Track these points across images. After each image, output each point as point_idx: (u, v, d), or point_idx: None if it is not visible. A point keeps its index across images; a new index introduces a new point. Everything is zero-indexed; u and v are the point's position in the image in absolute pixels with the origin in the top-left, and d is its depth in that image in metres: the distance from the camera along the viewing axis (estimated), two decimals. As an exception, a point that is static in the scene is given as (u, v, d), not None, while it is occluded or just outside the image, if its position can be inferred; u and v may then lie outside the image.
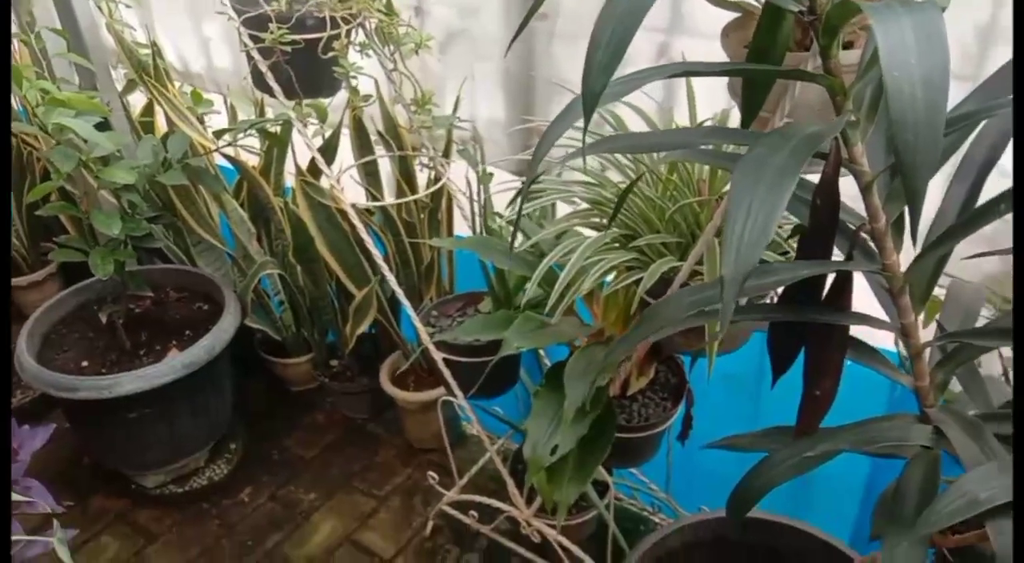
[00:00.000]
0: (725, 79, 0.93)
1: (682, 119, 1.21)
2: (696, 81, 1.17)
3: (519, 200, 0.84)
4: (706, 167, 1.11)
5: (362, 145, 1.69)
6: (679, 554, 1.21)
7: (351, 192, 1.58)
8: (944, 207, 0.70)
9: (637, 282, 1.05)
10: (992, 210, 0.62)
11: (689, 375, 1.31)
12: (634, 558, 1.17)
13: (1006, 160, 0.71)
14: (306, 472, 1.90)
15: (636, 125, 1.21)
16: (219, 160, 1.80)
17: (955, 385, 0.78)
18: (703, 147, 0.77)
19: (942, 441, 0.68)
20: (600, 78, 0.52)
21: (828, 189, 0.65)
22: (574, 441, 1.09)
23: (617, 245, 1.11)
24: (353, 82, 1.51)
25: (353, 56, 1.47)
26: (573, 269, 1.04)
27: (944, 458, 0.72)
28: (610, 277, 1.13)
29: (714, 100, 1.22)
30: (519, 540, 1.55)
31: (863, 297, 0.75)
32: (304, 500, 1.82)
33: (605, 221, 1.16)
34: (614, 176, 1.19)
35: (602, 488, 1.48)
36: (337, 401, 2.08)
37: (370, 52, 1.50)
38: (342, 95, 1.59)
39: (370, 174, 1.73)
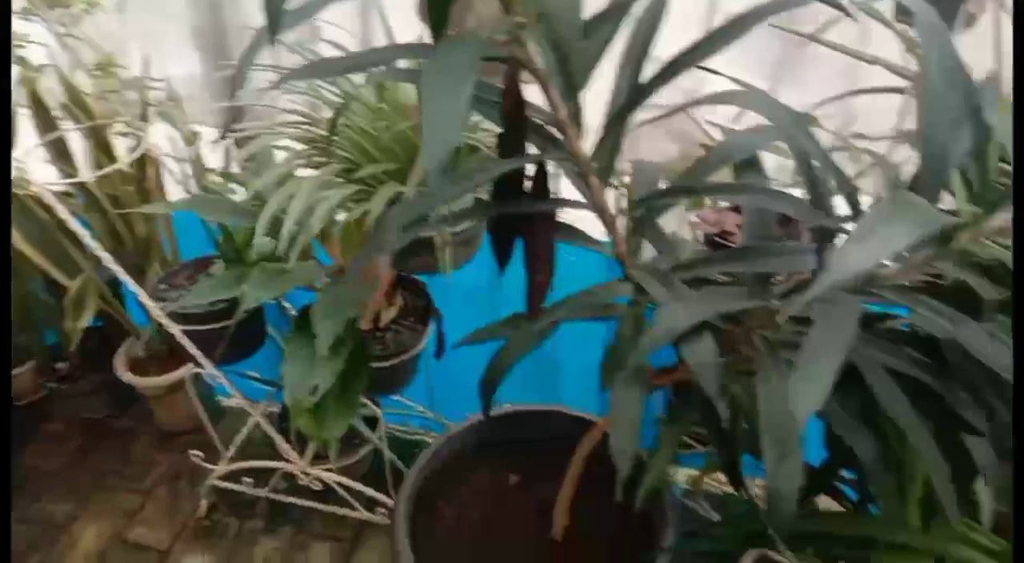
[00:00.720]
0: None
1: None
2: (392, 14, 1.21)
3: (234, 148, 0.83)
4: (413, 93, 1.16)
5: (45, 122, 1.53)
6: (450, 464, 1.29)
7: (43, 177, 1.44)
8: (615, 95, 0.79)
9: (367, 214, 1.08)
10: (653, 86, 0.72)
11: (437, 299, 1.38)
12: (411, 478, 1.22)
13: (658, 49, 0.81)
14: (54, 485, 1.75)
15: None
16: None
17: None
18: (401, 67, 0.81)
19: (644, 295, 0.79)
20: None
21: (512, 89, 0.71)
22: (332, 377, 1.12)
23: (341, 180, 1.12)
24: (20, 52, 1.36)
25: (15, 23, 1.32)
26: (295, 211, 1.04)
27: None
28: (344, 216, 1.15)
29: (411, 31, 1.26)
30: (300, 493, 1.56)
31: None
32: (58, 513, 1.68)
33: (325, 159, 1.17)
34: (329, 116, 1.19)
35: (374, 423, 1.52)
36: (72, 404, 1.91)
37: (34, 17, 1.36)
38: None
39: (61, 152, 1.58)
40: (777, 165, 1.10)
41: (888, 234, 0.50)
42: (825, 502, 0.99)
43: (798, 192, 0.78)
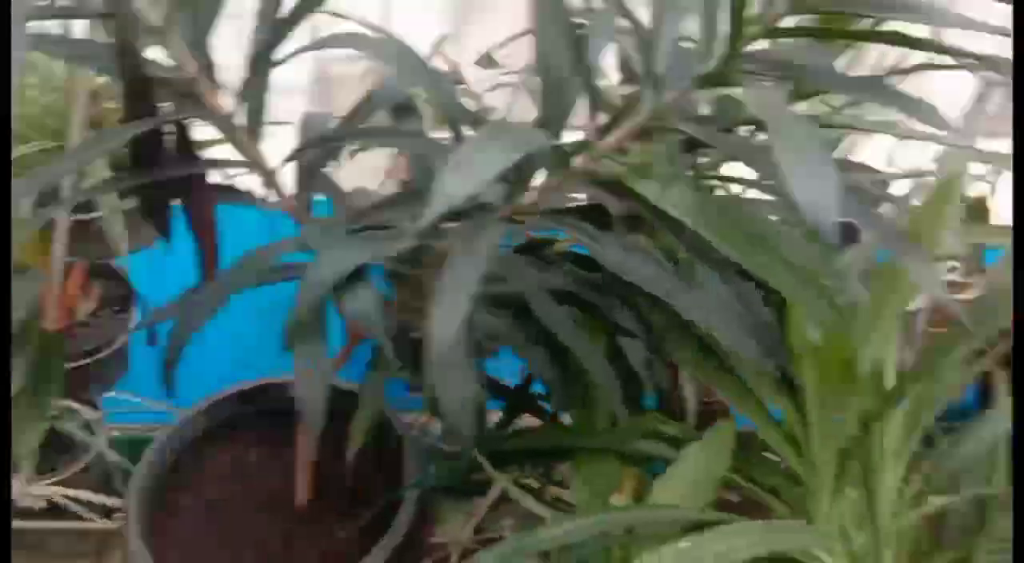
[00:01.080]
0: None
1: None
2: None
3: None
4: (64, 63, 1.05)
5: None
6: (184, 454, 1.21)
7: None
8: (254, 40, 0.75)
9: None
10: (292, 22, 0.69)
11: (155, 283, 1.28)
12: (139, 475, 1.14)
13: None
14: None
15: None
16: None
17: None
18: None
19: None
20: None
21: (123, 46, 0.66)
22: (20, 380, 1.02)
23: None
24: None
25: None
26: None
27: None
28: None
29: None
30: (29, 516, 1.42)
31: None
32: None
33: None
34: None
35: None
36: None
37: None
38: None
39: None
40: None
41: (482, 160, 0.52)
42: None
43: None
